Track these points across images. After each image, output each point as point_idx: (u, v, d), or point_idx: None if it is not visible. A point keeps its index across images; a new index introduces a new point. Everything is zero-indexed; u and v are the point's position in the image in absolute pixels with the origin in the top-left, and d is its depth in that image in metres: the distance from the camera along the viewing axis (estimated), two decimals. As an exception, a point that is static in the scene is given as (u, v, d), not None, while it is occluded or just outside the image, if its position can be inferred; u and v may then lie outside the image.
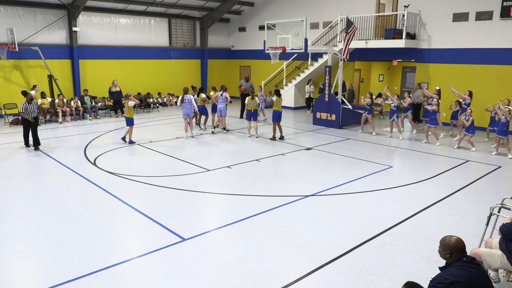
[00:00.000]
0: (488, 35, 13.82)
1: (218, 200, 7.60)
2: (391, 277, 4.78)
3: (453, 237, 3.41)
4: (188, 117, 12.61)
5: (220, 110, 13.43)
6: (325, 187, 8.05)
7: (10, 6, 16.17)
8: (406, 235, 5.91)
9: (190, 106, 12.57)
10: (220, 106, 13.40)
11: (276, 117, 12.34)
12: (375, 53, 16.87)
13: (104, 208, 6.97)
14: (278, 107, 12.32)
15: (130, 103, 11.65)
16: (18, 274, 4.85)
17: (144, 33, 20.48)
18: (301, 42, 13.00)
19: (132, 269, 4.98)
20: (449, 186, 8.17)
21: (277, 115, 12.31)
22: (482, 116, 13.67)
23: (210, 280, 4.73)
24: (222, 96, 13.35)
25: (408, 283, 3.15)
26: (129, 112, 11.70)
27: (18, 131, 13.74)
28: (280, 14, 20.24)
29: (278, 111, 12.32)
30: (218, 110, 13.48)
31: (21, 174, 8.88)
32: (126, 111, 11.78)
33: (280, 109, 12.39)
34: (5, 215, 6.57)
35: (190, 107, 12.57)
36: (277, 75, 20.71)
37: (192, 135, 13.02)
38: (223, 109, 13.46)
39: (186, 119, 12.63)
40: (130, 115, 11.71)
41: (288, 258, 5.25)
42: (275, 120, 12.40)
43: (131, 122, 11.79)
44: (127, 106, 11.72)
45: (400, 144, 12.23)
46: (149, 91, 20.39)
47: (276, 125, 12.55)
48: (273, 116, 12.36)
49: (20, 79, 16.87)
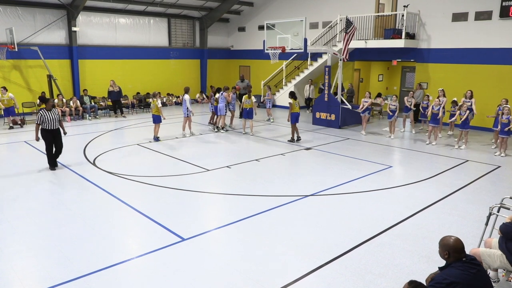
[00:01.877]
0: (487, 35, 13.83)
1: (217, 200, 7.60)
2: (390, 277, 4.79)
3: (451, 238, 3.40)
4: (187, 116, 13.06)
5: (220, 110, 13.59)
6: (325, 187, 8.05)
7: (9, 6, 16.15)
8: (406, 235, 5.92)
9: (184, 105, 12.95)
10: (220, 106, 13.56)
11: (294, 119, 12.22)
12: (375, 53, 16.87)
13: (103, 208, 6.97)
14: (296, 109, 12.21)
15: (158, 102, 12.05)
16: (17, 274, 4.85)
17: (144, 33, 20.47)
18: (300, 42, 13.00)
19: (131, 269, 4.99)
20: (449, 186, 8.17)
21: (295, 117, 12.20)
22: (482, 116, 13.69)
23: (210, 280, 4.73)
24: (222, 96, 13.52)
25: (412, 282, 3.15)
26: (156, 110, 12.07)
27: (17, 131, 13.74)
28: (279, 14, 20.24)
29: (296, 113, 12.21)
30: (218, 110, 13.65)
31: (21, 174, 8.86)
32: (154, 109, 12.17)
33: (298, 110, 12.32)
34: (4, 215, 6.56)
35: (184, 106, 12.97)
36: (277, 75, 20.71)
37: (184, 134, 13.28)
38: (222, 109, 13.62)
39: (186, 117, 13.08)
40: (157, 113, 12.09)
41: (288, 258, 5.26)
42: (293, 121, 12.25)
43: (159, 120, 12.21)
44: (155, 104, 12.08)
45: (400, 144, 12.23)
46: (148, 91, 20.37)
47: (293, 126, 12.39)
48: (291, 119, 12.21)
49: (20, 79, 16.86)
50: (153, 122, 12.30)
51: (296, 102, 12.23)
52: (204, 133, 13.60)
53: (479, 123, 13.78)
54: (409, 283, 3.19)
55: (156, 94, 12.57)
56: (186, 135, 13.18)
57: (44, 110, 8.92)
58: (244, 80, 17.09)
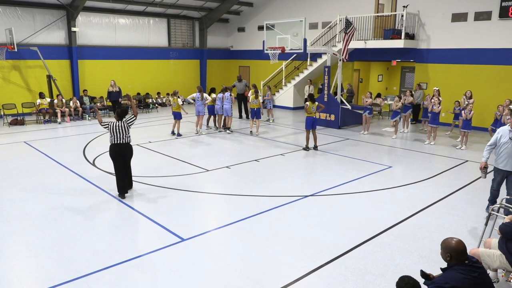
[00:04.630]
0: (487, 35, 13.83)
1: (217, 200, 7.60)
2: (390, 277, 4.79)
3: (453, 240, 3.37)
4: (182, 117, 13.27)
5: (226, 110, 13.61)
6: (324, 187, 8.05)
7: (9, 6, 16.15)
8: (405, 235, 5.92)
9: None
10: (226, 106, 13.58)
11: (310, 124, 11.12)
12: (374, 53, 16.87)
13: (103, 208, 6.96)
14: (312, 113, 11.11)
15: (179, 100, 12.85)
16: (17, 274, 4.85)
17: (143, 34, 20.47)
18: (300, 42, 13.00)
19: (131, 269, 4.98)
20: (448, 186, 8.17)
21: (311, 121, 11.10)
22: (482, 116, 13.71)
23: (210, 280, 4.73)
24: (228, 97, 13.59)
25: (403, 279, 3.13)
26: (177, 108, 12.79)
27: (17, 131, 13.74)
28: (279, 14, 20.24)
29: (312, 117, 11.08)
30: (225, 111, 13.65)
31: (21, 174, 8.86)
32: (174, 107, 12.81)
33: (314, 115, 11.17)
34: (4, 215, 6.56)
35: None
36: (276, 75, 20.72)
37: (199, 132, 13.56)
38: (229, 110, 13.64)
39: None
40: (178, 110, 12.80)
41: (288, 258, 5.25)
42: (308, 127, 11.18)
43: (180, 116, 12.86)
44: (175, 102, 12.78)
45: (400, 144, 12.24)
46: (148, 91, 20.38)
47: (311, 132, 11.29)
48: (306, 124, 11.21)
49: (19, 79, 16.85)
50: (174, 119, 12.88)
51: (313, 105, 11.12)
52: (204, 133, 13.58)
53: (479, 123, 13.78)
54: (400, 279, 3.17)
55: (176, 92, 13.19)
56: (202, 132, 13.48)
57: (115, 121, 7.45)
58: (242, 81, 17.09)
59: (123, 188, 7.41)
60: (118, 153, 7.34)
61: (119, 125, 7.29)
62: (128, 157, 7.56)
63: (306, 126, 11.24)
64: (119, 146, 7.31)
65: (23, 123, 15.01)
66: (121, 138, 7.28)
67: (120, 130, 7.26)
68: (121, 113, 7.42)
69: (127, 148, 7.44)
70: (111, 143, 7.33)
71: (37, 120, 15.73)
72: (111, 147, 7.34)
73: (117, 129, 7.25)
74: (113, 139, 7.29)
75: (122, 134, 7.28)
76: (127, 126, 7.38)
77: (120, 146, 7.31)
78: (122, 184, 7.39)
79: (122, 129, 7.28)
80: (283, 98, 20.09)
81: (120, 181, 7.38)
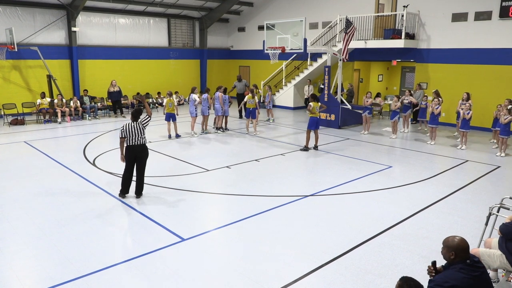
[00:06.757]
0: (487, 35, 13.83)
1: (217, 200, 7.60)
2: (390, 277, 4.79)
3: (456, 238, 3.36)
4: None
5: (224, 111, 13.75)
6: (325, 187, 8.05)
7: (9, 6, 16.14)
8: (406, 235, 5.92)
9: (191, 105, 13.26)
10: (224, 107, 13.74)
11: (314, 124, 11.11)
12: (374, 53, 16.87)
13: (103, 208, 6.96)
14: (316, 113, 11.13)
15: (175, 101, 13.00)
16: (17, 274, 4.85)
17: (143, 33, 20.47)
18: (300, 42, 13.00)
19: (131, 269, 4.98)
20: (448, 186, 8.17)
21: (315, 121, 11.10)
22: (482, 116, 13.70)
23: (210, 280, 4.73)
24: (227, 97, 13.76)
25: (403, 278, 3.12)
26: (173, 109, 12.77)
27: (17, 131, 13.74)
28: (279, 14, 20.24)
29: (315, 118, 11.11)
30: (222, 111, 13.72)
31: (21, 174, 8.85)
32: (170, 108, 12.73)
33: (318, 115, 11.21)
34: (4, 215, 6.56)
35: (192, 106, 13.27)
36: (277, 75, 20.71)
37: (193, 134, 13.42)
38: (227, 110, 13.85)
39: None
40: (173, 111, 12.72)
41: (288, 258, 5.25)
42: (312, 127, 11.15)
43: (174, 118, 12.78)
44: (172, 102, 12.78)
45: (400, 144, 12.23)
46: (148, 91, 20.38)
47: (313, 133, 11.27)
48: (309, 124, 11.15)
49: (19, 79, 16.85)
50: (172, 121, 12.73)
51: (317, 105, 11.13)
52: (204, 134, 13.58)
53: (478, 123, 13.78)
54: (400, 279, 3.17)
55: (171, 93, 13.17)
56: (194, 134, 13.32)
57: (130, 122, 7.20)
58: (241, 80, 17.08)
59: (125, 188, 7.35)
60: (132, 155, 7.14)
61: (134, 126, 7.04)
62: (144, 158, 7.31)
63: (310, 127, 11.20)
64: (134, 148, 7.11)
65: (23, 123, 15.02)
66: (136, 139, 7.06)
67: (136, 132, 7.03)
68: (135, 113, 7.18)
69: (143, 150, 7.23)
70: (126, 145, 7.13)
71: (37, 120, 15.74)
72: (126, 149, 7.15)
73: (133, 130, 7.02)
74: (128, 141, 7.05)
75: (137, 136, 7.05)
76: (143, 127, 7.18)
77: (135, 148, 7.11)
78: (125, 184, 7.33)
79: (137, 130, 7.05)
80: (283, 98, 20.08)
81: (126, 181, 7.30)
